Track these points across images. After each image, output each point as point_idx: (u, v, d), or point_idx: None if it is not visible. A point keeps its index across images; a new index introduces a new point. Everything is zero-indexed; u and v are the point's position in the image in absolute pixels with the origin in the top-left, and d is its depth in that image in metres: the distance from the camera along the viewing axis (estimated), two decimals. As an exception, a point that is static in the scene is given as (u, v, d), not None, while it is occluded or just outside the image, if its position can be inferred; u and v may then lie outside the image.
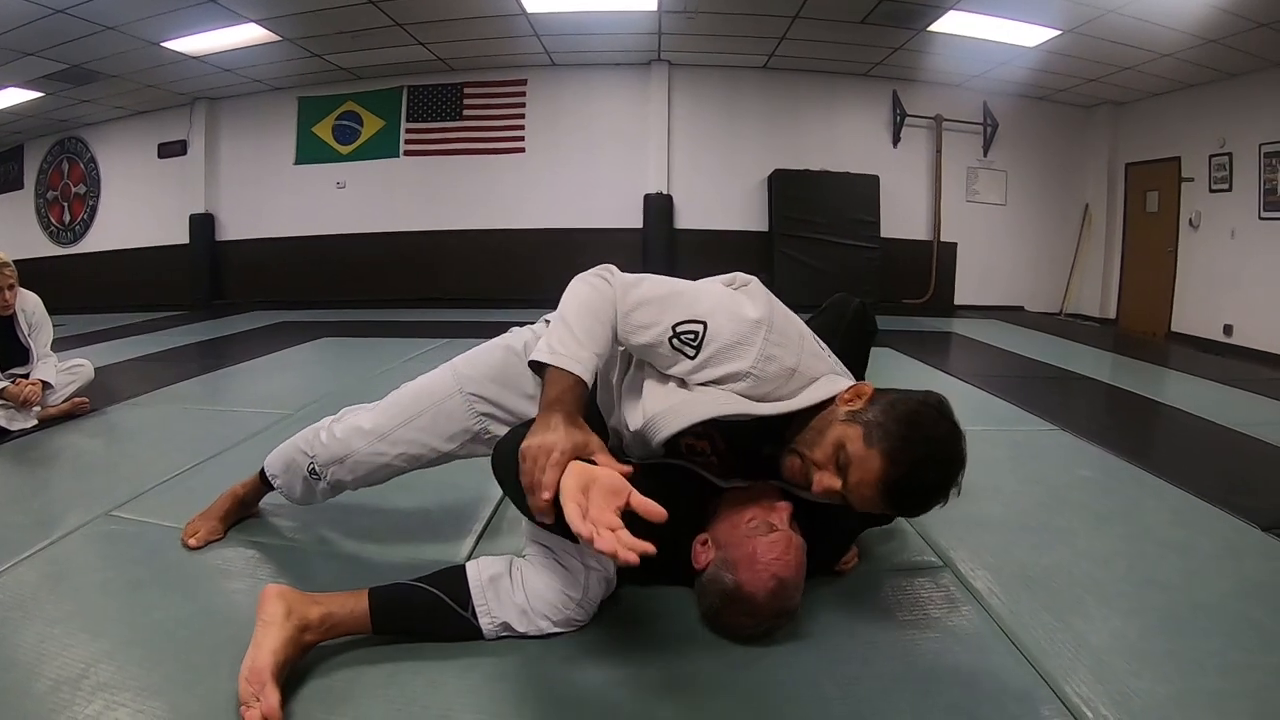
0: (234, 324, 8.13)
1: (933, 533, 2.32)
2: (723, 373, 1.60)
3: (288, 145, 10.69)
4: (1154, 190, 9.90)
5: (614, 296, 1.63)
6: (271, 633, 1.50)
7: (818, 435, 1.62)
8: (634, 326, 1.63)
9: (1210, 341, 8.76)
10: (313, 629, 1.56)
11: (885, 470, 1.52)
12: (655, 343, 1.62)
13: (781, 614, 1.65)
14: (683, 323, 1.61)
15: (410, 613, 1.67)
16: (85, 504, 2.52)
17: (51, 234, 11.64)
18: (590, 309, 1.61)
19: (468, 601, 1.66)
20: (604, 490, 1.38)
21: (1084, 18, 7.36)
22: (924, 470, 1.54)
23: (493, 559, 1.73)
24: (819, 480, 1.59)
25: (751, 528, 1.64)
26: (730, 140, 10.27)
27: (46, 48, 7.87)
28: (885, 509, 1.60)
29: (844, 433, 1.58)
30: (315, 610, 1.58)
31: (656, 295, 1.64)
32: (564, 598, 1.68)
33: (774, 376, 1.61)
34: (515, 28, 8.61)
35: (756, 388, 1.60)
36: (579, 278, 1.69)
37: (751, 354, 1.58)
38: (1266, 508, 2.61)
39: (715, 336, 1.59)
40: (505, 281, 10.19)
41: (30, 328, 3.81)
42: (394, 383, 2.12)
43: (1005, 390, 4.56)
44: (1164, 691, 1.55)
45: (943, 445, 1.57)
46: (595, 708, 1.50)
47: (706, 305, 1.63)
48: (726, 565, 1.65)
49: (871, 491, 1.54)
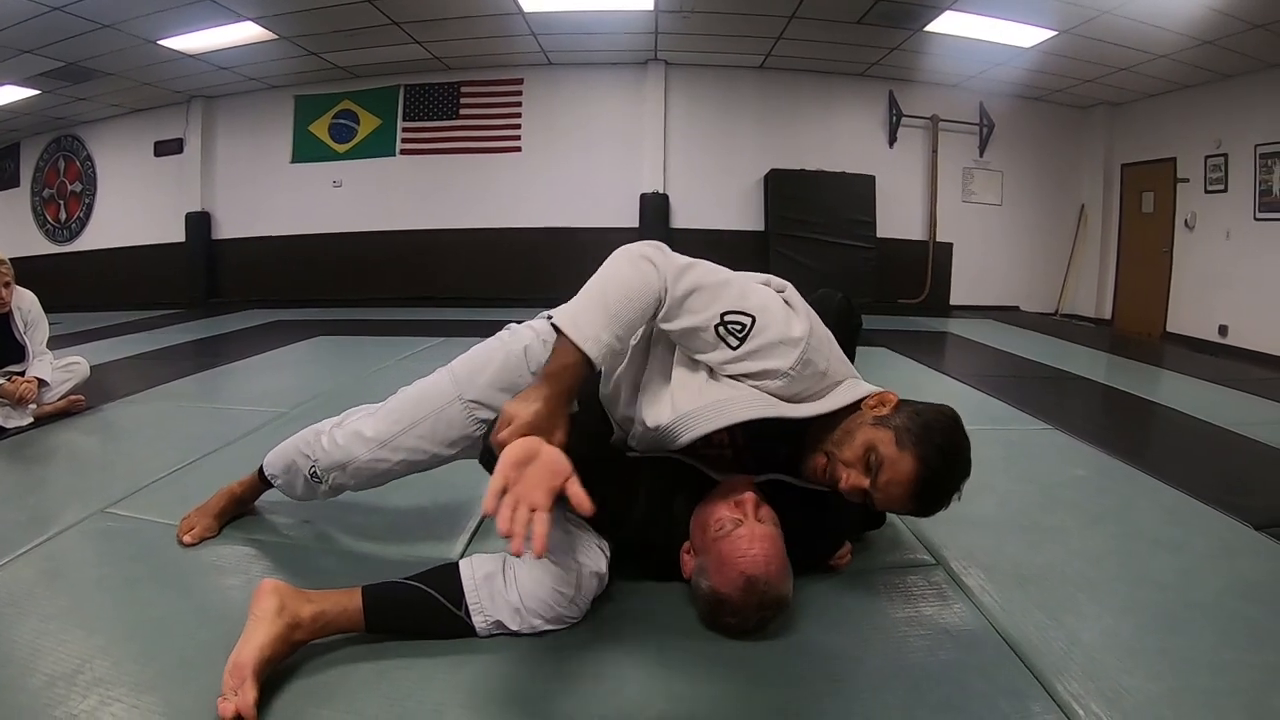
0: (230, 322, 8.13)
1: (926, 531, 2.32)
2: (761, 368, 1.63)
3: (284, 144, 10.67)
4: (1149, 191, 9.91)
5: (658, 285, 1.60)
6: (261, 628, 1.50)
7: (847, 436, 1.70)
8: (684, 310, 1.62)
9: (1205, 342, 8.78)
10: (303, 627, 1.56)
11: (917, 471, 1.64)
12: (701, 327, 1.62)
13: (765, 607, 1.64)
14: (732, 312, 1.62)
15: (403, 611, 1.66)
16: (81, 501, 2.52)
17: (47, 232, 11.62)
18: (629, 292, 1.58)
19: (461, 600, 1.66)
20: (543, 468, 1.40)
21: (1080, 18, 7.37)
22: (950, 474, 1.67)
23: (486, 557, 1.73)
24: (847, 478, 1.67)
25: (719, 531, 1.66)
26: (726, 140, 10.26)
27: (43, 45, 7.86)
28: (906, 507, 1.71)
29: (875, 436, 1.67)
30: (308, 608, 1.58)
31: (710, 283, 1.64)
32: (557, 595, 1.68)
33: (809, 379, 1.67)
34: (512, 27, 8.60)
35: (789, 387, 1.65)
36: (625, 251, 1.65)
37: (794, 355, 1.62)
38: (1260, 507, 2.63)
39: (762, 331, 1.62)
40: (501, 280, 10.18)
41: (26, 325, 3.80)
42: (390, 381, 2.13)
43: (1000, 390, 4.57)
44: (1155, 689, 1.56)
45: (963, 453, 1.70)
46: (587, 704, 1.50)
47: (756, 301, 1.65)
48: (702, 571, 1.69)
49: (900, 491, 1.66)
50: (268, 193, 10.68)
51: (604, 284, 1.60)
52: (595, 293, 1.59)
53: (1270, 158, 8.17)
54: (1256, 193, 8.35)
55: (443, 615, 1.65)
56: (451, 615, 1.65)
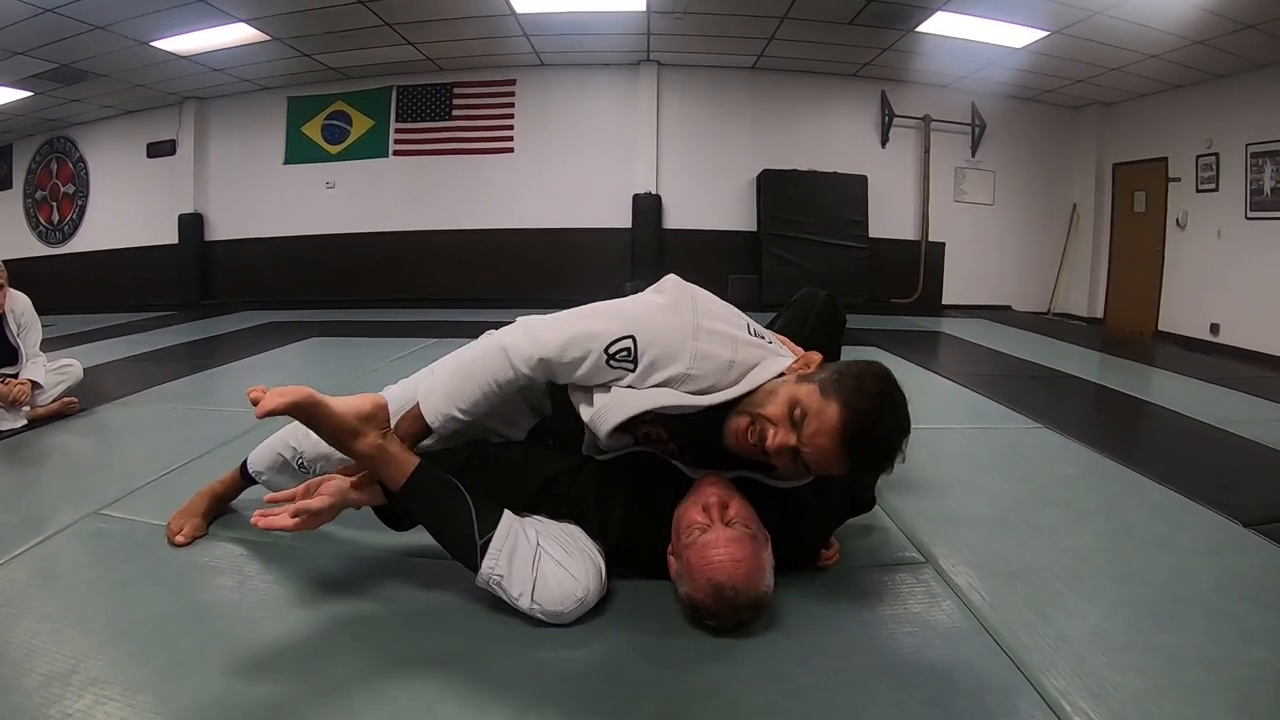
0: (223, 324, 8.11)
1: (914, 529, 2.34)
2: (663, 378, 1.70)
3: (277, 145, 10.66)
4: (1141, 190, 9.95)
5: (502, 366, 1.77)
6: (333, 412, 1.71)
7: (769, 395, 1.68)
8: (570, 364, 1.74)
9: (1197, 340, 8.81)
10: (376, 420, 1.73)
11: (843, 418, 1.58)
12: (595, 368, 1.73)
13: (739, 609, 1.64)
14: (612, 343, 1.72)
15: (436, 499, 1.73)
16: (74, 503, 2.52)
17: (40, 234, 11.59)
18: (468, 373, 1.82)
19: (489, 534, 1.69)
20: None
21: (1071, 19, 7.40)
22: (880, 418, 1.60)
23: (526, 533, 1.74)
24: (774, 435, 1.63)
25: (689, 538, 1.67)
26: (719, 140, 10.27)
27: (35, 47, 7.84)
28: (840, 463, 1.63)
29: (797, 390, 1.64)
30: (383, 431, 1.74)
31: (579, 333, 1.75)
32: (570, 597, 1.69)
33: (712, 372, 1.70)
34: (504, 28, 8.61)
35: (698, 384, 1.70)
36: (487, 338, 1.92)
37: (686, 356, 1.68)
38: (1248, 504, 2.63)
39: (648, 347, 1.70)
40: (494, 281, 10.17)
41: (19, 328, 3.80)
42: (382, 383, 2.15)
43: (991, 389, 4.58)
44: (1143, 685, 1.57)
45: (895, 402, 1.63)
46: (577, 701, 1.51)
47: (627, 320, 1.73)
48: (679, 576, 1.71)
49: (828, 441, 1.59)
50: (261, 194, 10.67)
51: (457, 365, 1.85)
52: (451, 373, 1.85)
53: (1261, 157, 8.21)
54: (1248, 192, 8.39)
55: (463, 534, 1.69)
56: (469, 541, 1.69)
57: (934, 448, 3.22)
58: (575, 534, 1.81)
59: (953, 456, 3.22)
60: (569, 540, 1.78)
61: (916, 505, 2.55)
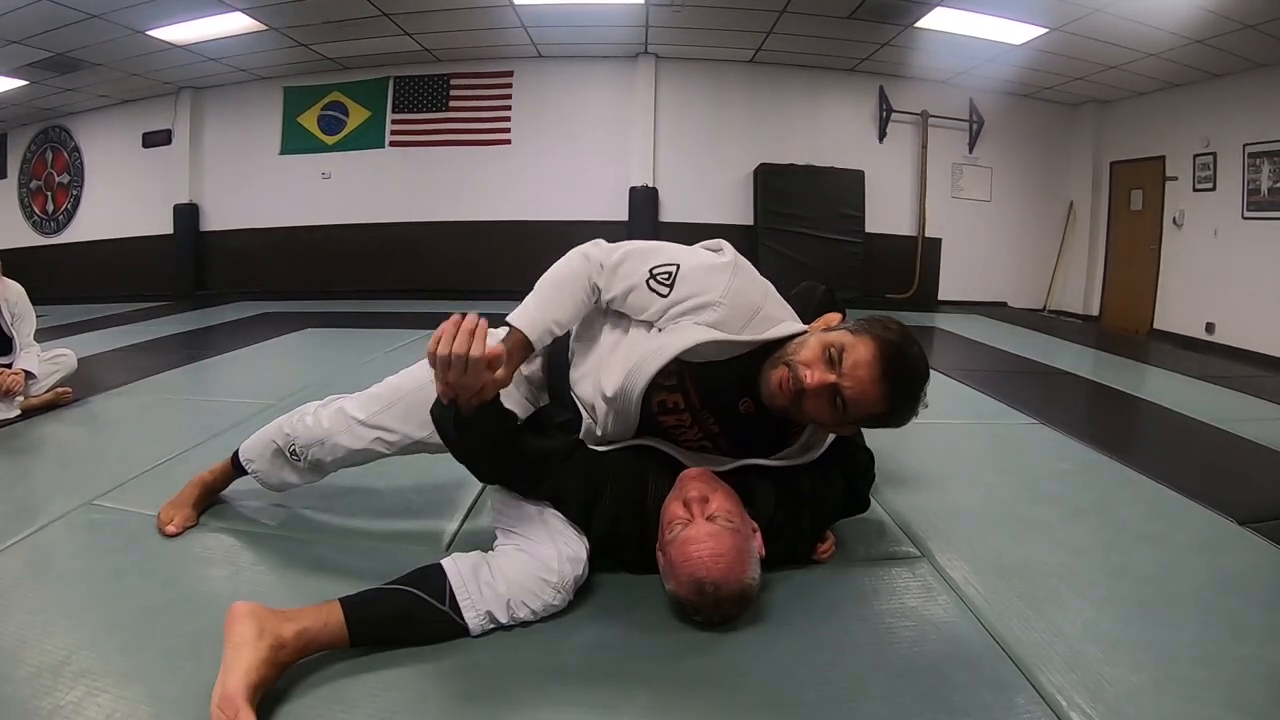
0: (218, 314, 8.10)
1: (910, 523, 2.34)
2: (694, 304, 1.77)
3: (273, 135, 10.61)
4: (1138, 189, 9.94)
5: (586, 269, 1.85)
6: (244, 654, 1.41)
7: (800, 345, 1.75)
8: (617, 277, 1.84)
9: (1192, 339, 8.81)
10: (288, 647, 1.48)
11: (880, 348, 1.69)
12: (635, 285, 1.82)
13: (722, 603, 1.64)
14: (658, 266, 1.83)
15: (388, 617, 1.61)
16: (67, 493, 2.51)
17: (35, 224, 11.54)
18: (557, 280, 1.86)
19: (445, 595, 1.63)
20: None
21: (1071, 16, 7.39)
22: (910, 347, 1.73)
23: (465, 555, 1.74)
24: (811, 375, 1.68)
25: (671, 534, 1.67)
26: (716, 134, 10.25)
27: (30, 35, 7.79)
28: (879, 394, 1.69)
29: (827, 336, 1.73)
30: (289, 626, 1.49)
31: (639, 250, 1.88)
32: (540, 582, 1.69)
33: (741, 310, 1.77)
34: (502, 19, 8.58)
35: (725, 321, 1.75)
36: (569, 254, 1.90)
37: (721, 285, 1.78)
38: (1243, 502, 2.65)
39: (687, 274, 1.80)
40: (490, 273, 10.09)
41: (13, 318, 3.78)
42: (378, 373, 2.15)
43: (987, 385, 4.59)
44: (1137, 680, 1.57)
45: (916, 341, 1.77)
46: (571, 694, 1.51)
47: (682, 253, 1.88)
48: (665, 572, 1.71)
49: (867, 371, 1.68)
50: (256, 184, 10.62)
51: (541, 280, 1.87)
52: (536, 289, 1.86)
53: (1258, 157, 8.21)
54: (1245, 191, 8.38)
55: (430, 616, 1.62)
56: (439, 614, 1.62)
57: (929, 442, 3.22)
58: (548, 517, 1.81)
59: (948, 451, 3.23)
60: (534, 528, 1.80)
61: (912, 500, 2.55)
